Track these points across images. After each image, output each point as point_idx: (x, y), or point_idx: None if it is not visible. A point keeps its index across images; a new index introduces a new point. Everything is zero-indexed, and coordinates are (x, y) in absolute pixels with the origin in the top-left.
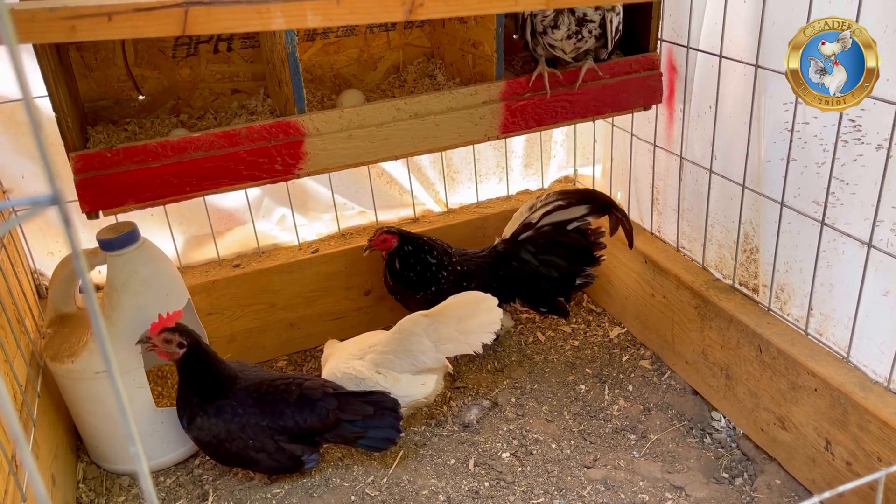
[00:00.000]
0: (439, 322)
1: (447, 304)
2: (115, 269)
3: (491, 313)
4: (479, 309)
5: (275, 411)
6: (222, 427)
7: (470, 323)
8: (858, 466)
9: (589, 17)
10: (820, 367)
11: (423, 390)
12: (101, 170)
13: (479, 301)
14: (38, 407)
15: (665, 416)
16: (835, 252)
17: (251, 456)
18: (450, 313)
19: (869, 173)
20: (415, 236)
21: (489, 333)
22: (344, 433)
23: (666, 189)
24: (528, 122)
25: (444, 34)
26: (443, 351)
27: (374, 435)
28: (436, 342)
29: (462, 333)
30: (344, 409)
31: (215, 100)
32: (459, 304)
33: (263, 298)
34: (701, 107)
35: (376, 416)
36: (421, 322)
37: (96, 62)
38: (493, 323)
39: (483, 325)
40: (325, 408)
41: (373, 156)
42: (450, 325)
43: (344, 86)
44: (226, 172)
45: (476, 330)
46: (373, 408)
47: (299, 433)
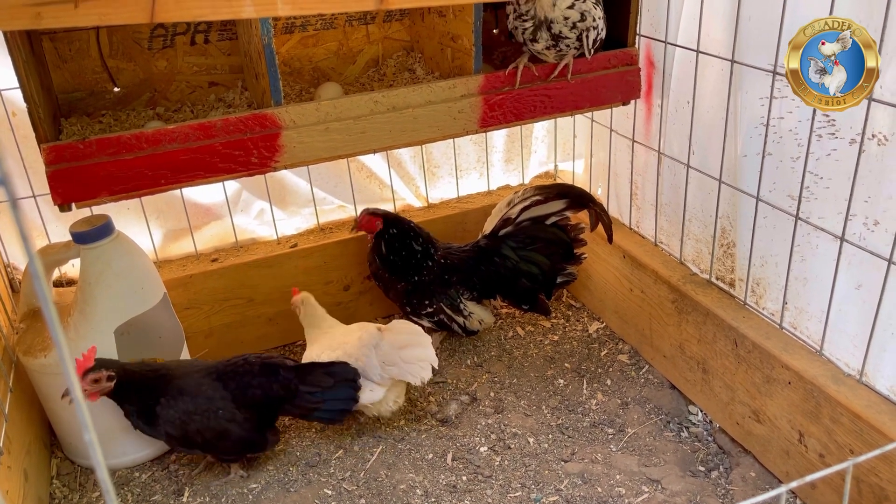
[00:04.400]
0: (386, 342)
1: (392, 327)
2: (88, 262)
3: (426, 349)
4: (414, 341)
5: (240, 384)
6: (189, 403)
7: (408, 353)
8: (831, 458)
9: (564, 34)
10: (794, 361)
11: (370, 396)
12: (73, 161)
13: (415, 333)
14: (11, 402)
15: (642, 410)
16: (809, 246)
17: (223, 427)
18: (393, 338)
19: (842, 168)
20: (400, 220)
21: (426, 370)
22: (303, 403)
23: (644, 184)
24: (507, 116)
25: (423, 28)
26: (387, 372)
27: (329, 407)
28: (382, 363)
29: (403, 361)
30: (304, 380)
31: (192, 92)
32: (401, 330)
33: (241, 293)
34: (679, 102)
35: (335, 387)
36: (374, 337)
37: (70, 53)
38: (428, 359)
39: (419, 359)
40: (286, 376)
41: (350, 149)
42: (393, 348)
43: (323, 79)
44: (201, 165)
45: (414, 361)
46: (332, 379)
47: (265, 402)
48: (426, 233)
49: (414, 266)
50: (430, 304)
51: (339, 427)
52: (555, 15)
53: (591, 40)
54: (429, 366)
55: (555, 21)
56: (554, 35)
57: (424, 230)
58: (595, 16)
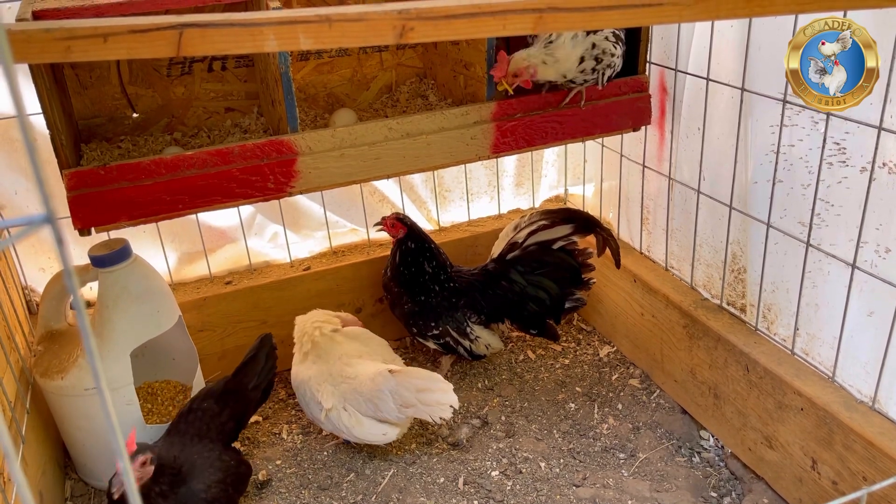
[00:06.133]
0: (402, 386)
1: (409, 371)
2: (106, 286)
3: (445, 394)
4: (434, 387)
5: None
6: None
7: (427, 396)
8: (844, 486)
9: (579, 80)
10: (806, 387)
11: (383, 439)
12: (94, 187)
13: (434, 380)
14: (27, 423)
15: (654, 435)
16: (820, 273)
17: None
18: (410, 382)
19: (853, 195)
20: (422, 238)
21: (446, 412)
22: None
23: (655, 209)
24: (519, 142)
25: (436, 55)
26: (405, 413)
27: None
28: (399, 405)
29: (422, 403)
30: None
31: (209, 118)
32: (419, 375)
33: (255, 315)
34: (689, 128)
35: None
36: (389, 382)
37: (91, 80)
38: (448, 404)
39: (440, 402)
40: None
41: (365, 174)
42: (410, 391)
43: (337, 105)
44: (218, 190)
45: (433, 404)
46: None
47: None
48: (444, 258)
49: (420, 285)
50: (437, 325)
51: (350, 450)
52: (567, 67)
53: (606, 77)
54: (449, 408)
55: (568, 72)
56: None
57: (443, 255)
58: (613, 53)
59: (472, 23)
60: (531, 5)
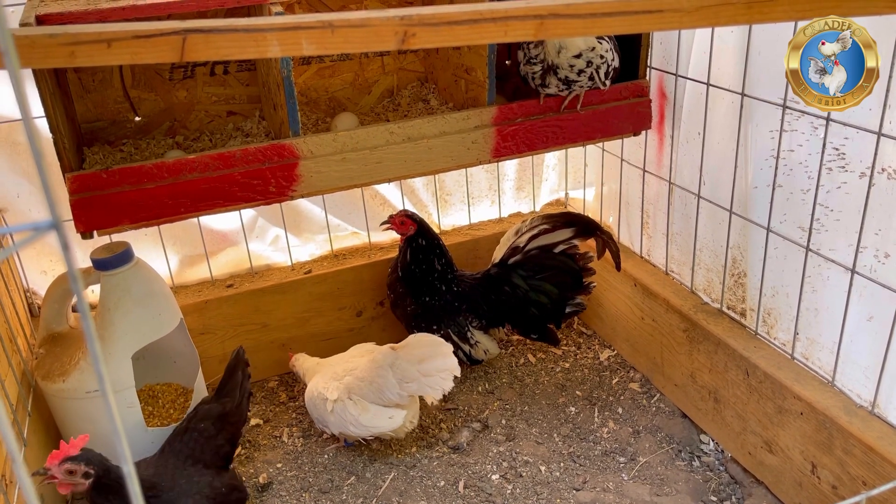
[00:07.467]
0: (403, 359)
1: (409, 342)
2: (108, 289)
3: (446, 359)
4: (435, 352)
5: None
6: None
7: (428, 365)
8: (844, 490)
9: (572, 78)
10: (806, 391)
11: (390, 423)
12: (96, 190)
13: (435, 344)
14: (29, 426)
15: (654, 439)
16: (820, 277)
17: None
18: (411, 352)
19: (853, 200)
20: (432, 234)
21: (447, 380)
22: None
23: (655, 213)
24: (520, 146)
25: (437, 60)
26: (406, 389)
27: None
28: (399, 380)
29: (423, 375)
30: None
31: (211, 122)
32: (419, 343)
33: (256, 319)
34: (689, 133)
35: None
36: (389, 357)
37: (94, 84)
38: (449, 369)
39: (440, 370)
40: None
41: (366, 178)
42: (412, 363)
43: (338, 109)
44: (220, 194)
45: (434, 373)
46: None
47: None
48: (450, 256)
49: (429, 284)
50: (439, 328)
51: (351, 453)
52: (559, 61)
53: (603, 73)
54: (450, 376)
55: (560, 67)
56: (561, 79)
57: (449, 254)
58: (605, 49)
59: (474, 29)
60: (533, 12)
